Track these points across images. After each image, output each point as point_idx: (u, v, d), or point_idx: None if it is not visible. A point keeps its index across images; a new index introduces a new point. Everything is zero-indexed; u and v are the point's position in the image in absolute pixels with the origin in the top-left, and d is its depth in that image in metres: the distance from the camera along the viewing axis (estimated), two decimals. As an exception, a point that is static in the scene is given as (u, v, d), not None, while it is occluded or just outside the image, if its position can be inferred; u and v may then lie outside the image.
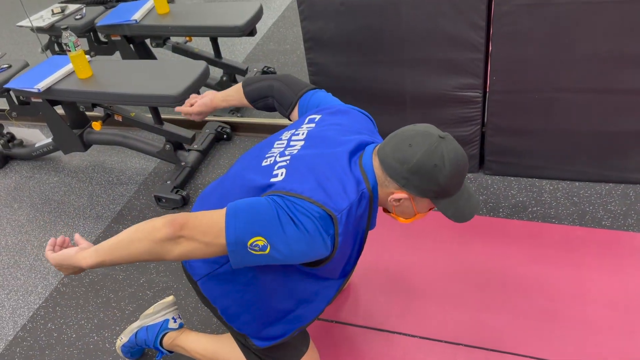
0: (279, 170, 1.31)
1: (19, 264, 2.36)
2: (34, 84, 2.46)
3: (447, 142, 1.26)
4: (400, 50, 2.17)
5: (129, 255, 1.25)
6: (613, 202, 2.16)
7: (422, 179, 1.25)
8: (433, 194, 1.28)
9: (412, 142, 1.25)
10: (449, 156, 1.24)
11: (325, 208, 1.21)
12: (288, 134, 1.45)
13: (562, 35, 1.96)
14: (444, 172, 1.24)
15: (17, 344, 2.00)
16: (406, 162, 1.24)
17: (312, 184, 1.24)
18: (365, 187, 1.28)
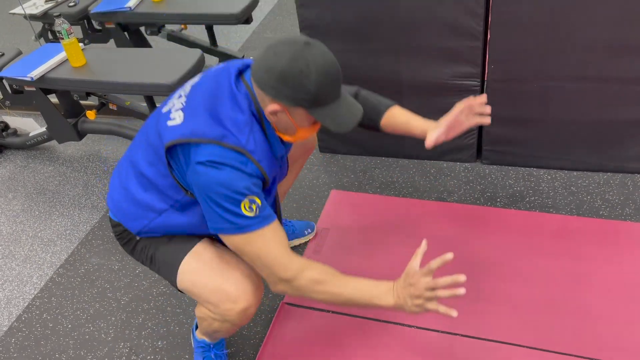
0: (176, 114, 1.34)
1: (13, 254, 2.35)
2: (27, 73, 2.43)
3: (312, 48, 1.23)
4: (398, 38, 2.15)
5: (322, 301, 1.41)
6: (611, 192, 2.16)
7: (290, 87, 1.22)
8: (306, 103, 1.24)
9: (277, 50, 1.23)
10: (315, 61, 1.21)
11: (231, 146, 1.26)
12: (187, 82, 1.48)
13: (561, 24, 1.94)
14: (311, 77, 1.21)
15: (12, 334, 1.99)
16: (272, 70, 1.22)
17: (208, 121, 1.28)
18: (254, 107, 1.31)
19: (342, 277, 1.36)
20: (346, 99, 1.32)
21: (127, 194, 1.48)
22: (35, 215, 2.55)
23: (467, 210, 2.17)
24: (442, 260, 1.33)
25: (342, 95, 1.31)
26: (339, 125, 1.29)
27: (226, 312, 1.41)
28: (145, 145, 1.43)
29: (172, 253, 1.48)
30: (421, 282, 1.33)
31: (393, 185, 2.36)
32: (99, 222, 2.44)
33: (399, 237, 2.09)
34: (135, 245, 1.55)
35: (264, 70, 1.23)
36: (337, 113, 1.28)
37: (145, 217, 1.47)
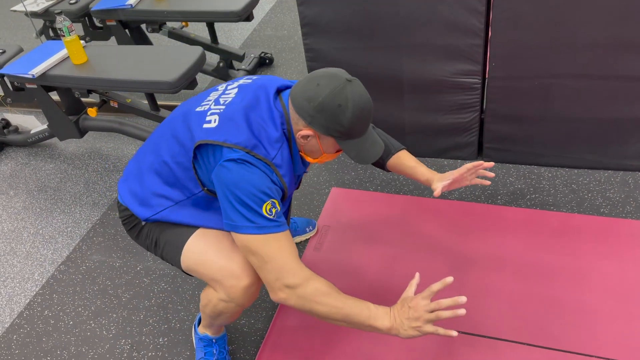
0: (211, 117, 1.40)
1: (15, 251, 2.36)
2: (28, 70, 2.44)
3: (352, 86, 1.32)
4: (399, 36, 2.15)
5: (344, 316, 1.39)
6: (612, 190, 2.16)
7: (327, 118, 1.31)
8: (337, 133, 1.33)
9: (320, 82, 1.32)
10: (353, 98, 1.30)
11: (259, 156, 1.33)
12: (224, 86, 1.53)
13: (562, 21, 1.94)
14: (347, 113, 1.30)
15: (13, 331, 2.00)
16: (313, 100, 1.30)
17: (243, 132, 1.34)
18: (285, 127, 1.40)
19: (343, 294, 1.39)
20: (372, 135, 1.42)
21: (143, 180, 1.52)
22: (37, 213, 2.55)
23: (468, 208, 2.17)
24: (443, 284, 1.35)
25: (369, 131, 1.41)
26: (361, 159, 1.39)
27: (231, 289, 1.44)
28: (171, 138, 1.47)
29: (177, 235, 1.52)
30: (421, 304, 1.34)
31: (394, 182, 2.36)
32: (100, 220, 2.44)
33: (399, 235, 2.09)
34: (141, 230, 1.58)
35: (304, 98, 1.32)
36: (362, 147, 1.39)
37: (159, 204, 1.50)
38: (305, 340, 1.77)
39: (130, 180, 1.56)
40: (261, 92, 1.42)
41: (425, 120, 2.34)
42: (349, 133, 1.34)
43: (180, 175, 1.45)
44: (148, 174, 1.51)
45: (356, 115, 1.31)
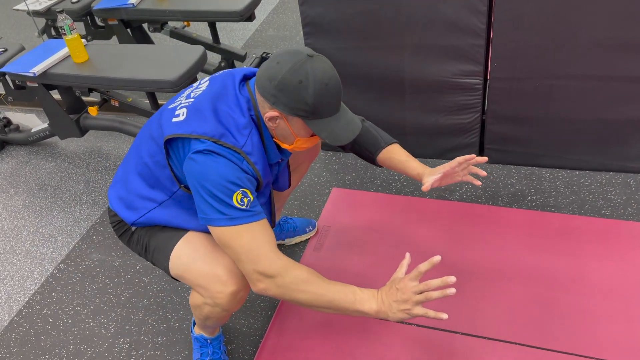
0: (180, 111, 1.38)
1: (14, 250, 2.35)
2: (29, 68, 2.44)
3: (314, 61, 1.26)
4: (400, 36, 2.14)
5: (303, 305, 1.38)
6: (613, 191, 2.15)
7: (289, 96, 1.25)
8: (303, 112, 1.27)
9: (280, 60, 1.26)
10: (314, 74, 1.24)
11: (229, 145, 1.30)
12: (198, 81, 1.51)
13: (565, 22, 1.93)
14: (309, 89, 1.24)
15: (12, 329, 1.99)
16: (273, 78, 1.25)
17: (211, 122, 1.31)
18: (253, 113, 1.35)
19: (327, 280, 1.36)
20: (346, 115, 1.35)
21: (128, 184, 1.51)
22: (37, 211, 2.55)
23: (469, 209, 2.16)
24: (431, 264, 1.33)
25: (341, 111, 1.33)
26: (334, 139, 1.31)
27: (217, 295, 1.41)
28: (148, 138, 1.46)
29: (164, 240, 1.50)
30: (409, 286, 1.32)
31: (394, 183, 2.35)
32: (100, 219, 2.44)
33: (400, 236, 2.08)
34: (131, 236, 1.57)
35: (265, 78, 1.27)
36: (334, 127, 1.31)
37: (143, 207, 1.49)
38: (304, 341, 1.77)
39: (118, 185, 1.56)
40: (228, 80, 1.40)
41: (426, 120, 2.34)
42: (315, 111, 1.27)
43: (159, 174, 1.44)
44: (132, 176, 1.51)
45: (319, 91, 1.24)
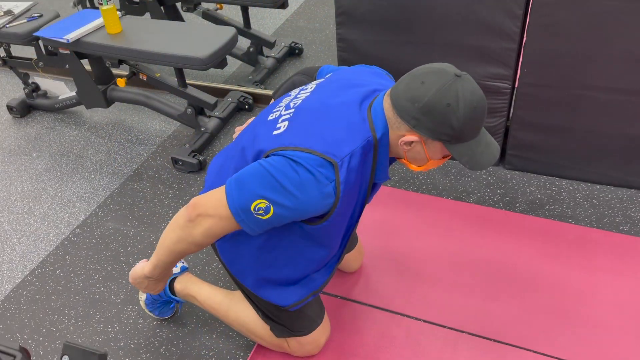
0: (282, 124, 1.29)
1: (33, 211, 2.39)
2: (63, 35, 2.47)
3: (463, 81, 1.17)
4: (433, 33, 2.14)
5: (167, 248, 1.35)
6: (633, 208, 2.13)
7: (434, 120, 1.16)
8: (446, 137, 1.19)
9: (425, 80, 1.17)
10: (464, 96, 1.15)
11: (324, 156, 1.19)
12: (297, 90, 1.43)
13: (601, 32, 1.92)
14: (458, 113, 1.15)
15: (24, 287, 2.03)
16: (417, 100, 1.16)
17: (313, 136, 1.22)
18: (370, 135, 1.23)
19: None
20: (485, 136, 1.26)
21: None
22: (57, 176, 2.59)
23: (484, 212, 2.15)
24: None
25: (482, 132, 1.25)
26: (475, 164, 1.23)
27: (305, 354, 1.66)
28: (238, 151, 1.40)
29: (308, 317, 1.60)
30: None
31: (412, 180, 2.35)
32: (118, 189, 2.47)
33: (412, 233, 2.08)
34: None
35: (407, 99, 1.18)
36: (475, 151, 1.22)
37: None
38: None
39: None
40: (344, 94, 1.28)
41: (450, 121, 2.33)
42: (459, 136, 1.18)
43: None
44: None
45: (468, 115, 1.15)
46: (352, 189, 1.25)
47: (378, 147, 1.25)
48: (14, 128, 2.96)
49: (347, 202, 1.27)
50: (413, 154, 1.27)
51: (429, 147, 1.24)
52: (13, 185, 2.55)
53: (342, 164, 1.20)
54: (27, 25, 2.68)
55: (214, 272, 2.02)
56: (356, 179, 1.24)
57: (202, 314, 1.87)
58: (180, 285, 1.76)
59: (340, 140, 1.21)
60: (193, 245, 1.32)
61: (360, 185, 1.29)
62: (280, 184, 1.18)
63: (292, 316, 1.57)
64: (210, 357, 1.74)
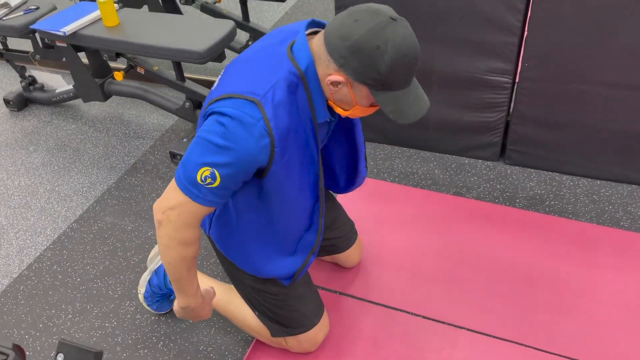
0: (215, 82, 1.31)
1: (29, 205, 2.37)
2: (59, 27, 2.45)
3: (397, 26, 1.11)
4: (433, 27, 2.12)
5: (169, 266, 1.34)
6: (634, 204, 2.12)
7: (361, 61, 1.11)
8: (372, 81, 1.14)
9: (359, 18, 1.12)
10: (394, 40, 1.10)
11: (246, 96, 1.17)
12: None
13: (602, 26, 1.90)
14: (386, 57, 1.10)
15: (21, 281, 2.01)
16: (347, 38, 1.11)
17: (235, 82, 1.21)
18: (292, 67, 1.20)
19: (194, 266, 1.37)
20: (417, 90, 1.21)
21: None
22: (54, 170, 2.57)
23: (484, 208, 2.14)
24: None
25: (412, 85, 1.21)
26: (399, 115, 1.19)
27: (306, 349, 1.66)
28: None
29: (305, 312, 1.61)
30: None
31: (412, 176, 2.34)
32: (116, 183, 2.45)
33: (411, 228, 2.07)
34: None
35: (338, 36, 1.13)
36: (402, 102, 1.18)
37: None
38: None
39: None
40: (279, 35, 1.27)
41: (450, 116, 2.32)
42: (385, 83, 1.14)
43: None
44: None
45: (397, 61, 1.10)
46: (289, 127, 1.22)
47: (307, 80, 1.21)
48: (11, 122, 2.94)
49: (292, 144, 1.24)
50: (340, 96, 1.22)
51: (355, 91, 1.19)
52: (10, 180, 2.53)
53: (265, 99, 1.17)
54: (24, 17, 2.65)
55: (211, 267, 2.01)
56: (290, 116, 1.21)
57: (200, 309, 1.86)
58: None
59: (260, 78, 1.20)
60: (183, 246, 1.29)
61: (300, 123, 1.25)
62: (213, 144, 1.17)
63: (289, 315, 1.57)
64: (208, 353, 1.73)
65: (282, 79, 1.19)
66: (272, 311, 1.58)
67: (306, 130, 1.27)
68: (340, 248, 1.84)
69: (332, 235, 1.78)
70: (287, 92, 1.20)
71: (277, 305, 1.56)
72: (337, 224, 1.78)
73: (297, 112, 1.23)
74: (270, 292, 1.56)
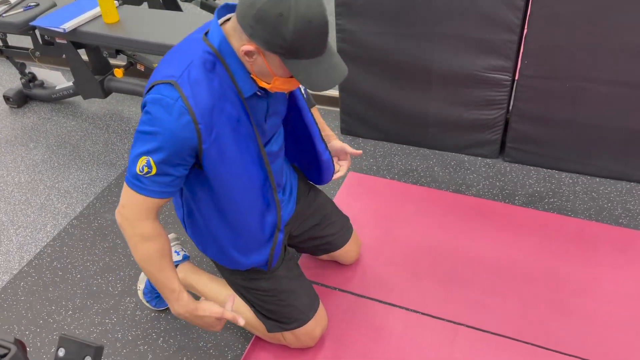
0: None
1: (30, 202, 2.38)
2: (59, 24, 2.45)
3: None
4: (433, 25, 2.12)
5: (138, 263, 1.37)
6: (633, 202, 2.12)
7: (266, 29, 1.12)
8: (280, 49, 1.14)
9: None
10: (297, 8, 1.10)
11: (164, 80, 1.22)
12: None
13: (602, 23, 1.90)
14: (289, 25, 1.10)
15: (21, 278, 2.02)
16: (253, 6, 1.12)
17: (157, 71, 1.26)
18: (206, 46, 1.23)
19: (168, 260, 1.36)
20: (331, 59, 1.21)
21: None
22: (54, 167, 2.57)
23: (483, 205, 2.15)
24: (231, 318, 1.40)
25: (326, 53, 1.20)
26: (311, 84, 1.18)
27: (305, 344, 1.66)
28: None
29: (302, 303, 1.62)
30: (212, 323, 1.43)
31: (412, 173, 2.34)
32: (115, 180, 2.45)
33: (410, 225, 2.07)
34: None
35: (247, 4, 1.14)
36: (313, 71, 1.17)
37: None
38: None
39: None
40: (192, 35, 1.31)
41: (450, 113, 2.32)
42: (293, 51, 1.14)
43: None
44: None
45: (300, 28, 1.11)
46: (211, 104, 1.23)
47: (223, 56, 1.24)
48: (11, 118, 2.94)
49: (218, 121, 1.26)
50: (258, 68, 1.23)
51: (269, 60, 1.19)
52: (10, 176, 2.53)
53: (182, 79, 1.20)
54: (24, 14, 2.65)
55: (210, 264, 2.01)
56: (211, 93, 1.23)
57: (200, 305, 1.87)
58: (181, 274, 1.76)
59: (177, 62, 1.24)
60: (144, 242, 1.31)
61: (225, 100, 1.26)
62: (143, 133, 1.23)
63: (282, 310, 1.58)
64: (208, 349, 1.73)
65: (196, 59, 1.23)
66: (265, 308, 1.59)
67: (234, 107, 1.28)
68: (336, 245, 1.83)
69: (325, 233, 1.79)
70: (203, 70, 1.22)
71: (269, 302, 1.57)
72: (328, 221, 1.78)
73: (218, 89, 1.25)
74: (261, 289, 1.57)
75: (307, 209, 1.74)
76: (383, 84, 2.35)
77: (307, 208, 1.74)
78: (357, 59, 2.32)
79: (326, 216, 1.78)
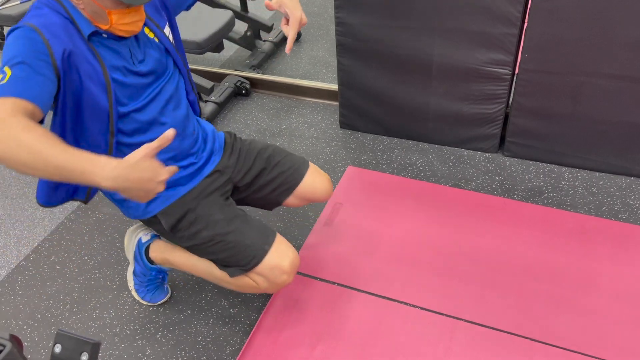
0: None
1: (27, 196, 2.37)
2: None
3: None
4: (433, 18, 2.11)
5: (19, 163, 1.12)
6: (632, 196, 2.12)
7: None
8: None
9: None
10: None
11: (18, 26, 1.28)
12: None
13: (603, 17, 1.89)
14: None
15: (19, 272, 2.01)
16: None
17: None
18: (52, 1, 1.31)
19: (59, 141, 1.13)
20: None
21: None
22: (52, 161, 2.56)
23: (482, 199, 2.14)
24: (164, 139, 1.15)
25: None
26: None
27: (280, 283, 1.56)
28: None
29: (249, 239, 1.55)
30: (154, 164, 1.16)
31: (411, 167, 2.33)
32: (114, 174, 2.44)
33: (410, 219, 2.07)
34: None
35: None
36: None
37: None
38: (306, 314, 1.77)
39: None
40: None
41: (450, 107, 2.31)
42: None
43: None
44: None
45: None
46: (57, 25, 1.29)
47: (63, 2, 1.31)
48: (8, 112, 2.92)
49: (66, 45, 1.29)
50: (90, 8, 1.29)
51: None
52: (7, 170, 2.52)
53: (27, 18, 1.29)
54: (21, 7, 2.63)
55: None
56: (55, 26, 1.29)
57: (198, 300, 1.86)
58: (155, 254, 1.75)
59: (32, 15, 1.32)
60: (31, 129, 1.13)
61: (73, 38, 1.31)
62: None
63: (235, 253, 1.53)
64: (206, 344, 1.73)
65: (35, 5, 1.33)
66: (220, 257, 1.56)
67: (80, 47, 1.32)
68: (293, 181, 1.72)
69: (275, 173, 1.71)
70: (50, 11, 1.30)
71: (220, 250, 1.54)
72: (274, 161, 1.72)
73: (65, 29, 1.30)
74: (205, 240, 1.55)
75: (248, 156, 1.70)
76: (382, 78, 2.34)
77: (247, 156, 1.70)
78: (357, 52, 2.31)
79: (270, 157, 1.72)
